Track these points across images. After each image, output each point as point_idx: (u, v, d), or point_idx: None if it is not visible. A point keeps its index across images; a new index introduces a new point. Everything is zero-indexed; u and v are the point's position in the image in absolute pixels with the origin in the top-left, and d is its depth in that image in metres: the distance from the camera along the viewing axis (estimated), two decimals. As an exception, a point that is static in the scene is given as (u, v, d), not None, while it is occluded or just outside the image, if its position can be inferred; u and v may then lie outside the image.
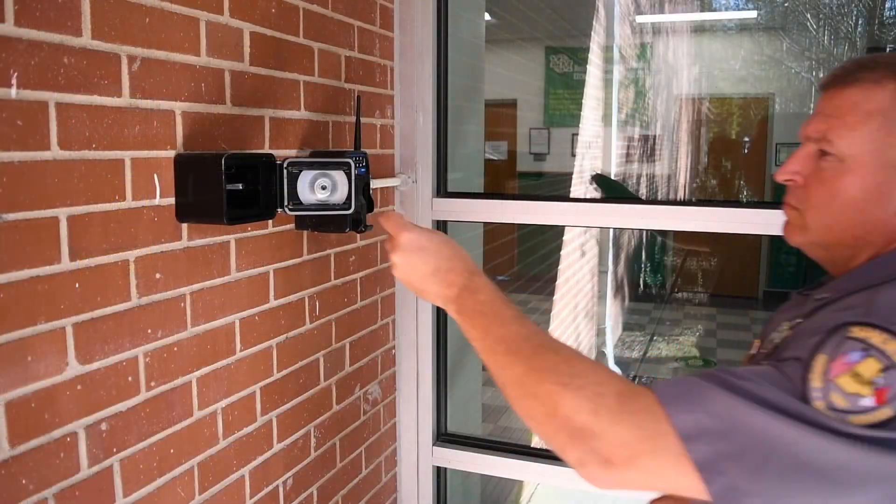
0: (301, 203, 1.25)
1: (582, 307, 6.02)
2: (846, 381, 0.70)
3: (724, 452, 0.71)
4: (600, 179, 6.21)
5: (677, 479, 0.74)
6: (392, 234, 0.98)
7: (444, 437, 2.08)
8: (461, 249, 0.98)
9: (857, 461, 0.68)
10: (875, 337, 0.71)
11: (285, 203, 1.25)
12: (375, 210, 1.79)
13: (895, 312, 0.73)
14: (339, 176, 1.27)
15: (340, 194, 1.27)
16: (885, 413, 0.68)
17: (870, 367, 0.70)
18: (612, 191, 6.03)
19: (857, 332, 0.72)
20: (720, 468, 0.71)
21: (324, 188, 1.26)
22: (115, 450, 1.07)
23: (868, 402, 0.69)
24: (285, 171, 1.22)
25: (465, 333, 0.91)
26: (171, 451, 1.18)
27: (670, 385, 0.77)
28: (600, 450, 0.75)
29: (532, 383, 0.81)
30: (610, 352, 6.37)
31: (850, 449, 0.68)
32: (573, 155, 6.47)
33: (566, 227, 5.29)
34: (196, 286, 1.22)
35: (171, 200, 1.15)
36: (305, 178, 1.24)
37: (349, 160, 1.26)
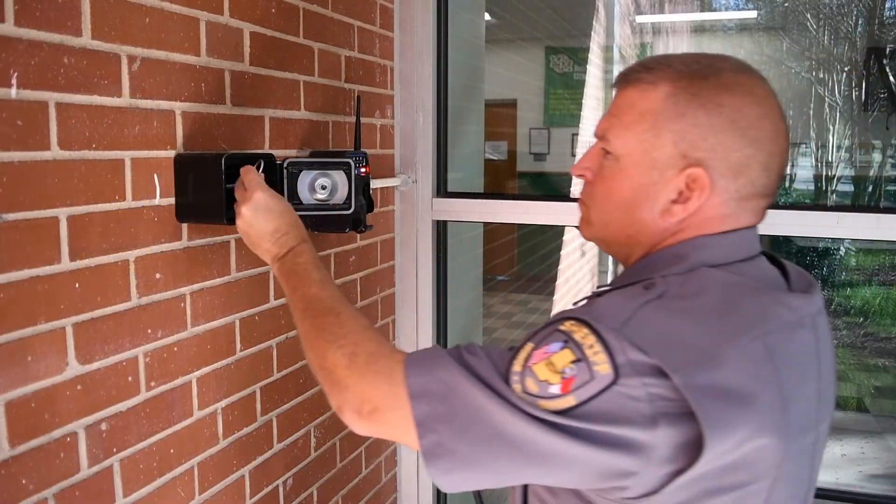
0: (301, 203, 1.25)
1: (582, 307, 6.00)
2: (540, 369, 0.75)
3: (439, 413, 0.79)
4: None
5: (404, 433, 0.81)
6: (248, 188, 1.09)
7: (444, 437, 2.08)
8: (299, 221, 1.10)
9: (542, 442, 0.74)
10: (578, 332, 0.75)
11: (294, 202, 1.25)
12: (376, 210, 1.79)
13: (609, 313, 0.76)
14: (339, 176, 1.27)
15: (340, 194, 1.27)
16: (568, 401, 0.73)
17: (563, 358, 0.75)
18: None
19: (568, 325, 0.77)
20: (433, 427, 0.79)
21: (324, 188, 1.26)
22: (115, 450, 1.07)
23: (555, 389, 0.74)
24: (285, 171, 1.22)
25: (281, 284, 1.04)
26: (171, 451, 1.18)
27: (421, 352, 0.86)
28: (350, 401, 0.86)
29: (312, 338, 0.94)
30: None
31: (536, 430, 0.74)
32: (573, 155, 6.47)
33: (566, 227, 5.29)
34: (196, 286, 1.22)
35: (171, 200, 1.15)
36: (305, 178, 1.24)
37: (349, 160, 1.26)
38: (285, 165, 1.23)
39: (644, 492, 0.74)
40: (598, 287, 0.92)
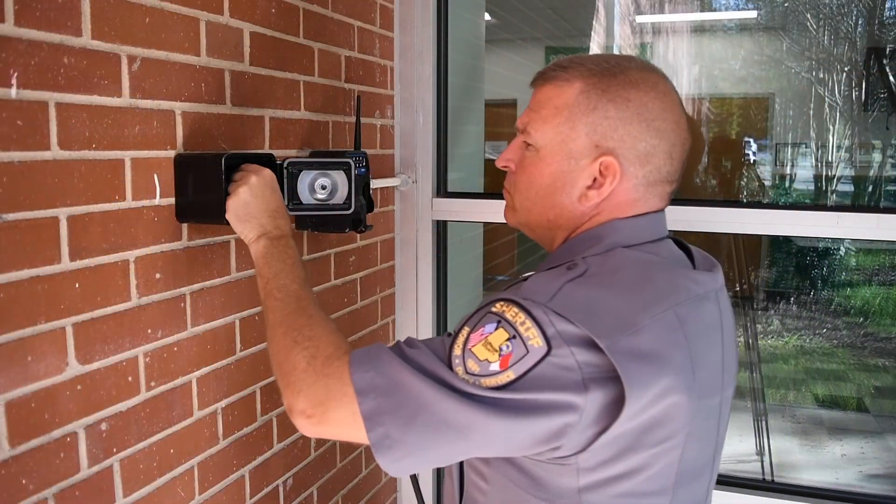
0: (301, 203, 1.25)
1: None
2: (479, 350, 0.82)
3: (384, 407, 0.83)
4: None
5: (352, 429, 0.85)
6: (255, 169, 1.11)
7: (444, 437, 2.08)
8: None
9: (486, 420, 0.80)
10: (509, 311, 0.82)
11: (286, 203, 1.25)
12: (376, 210, 1.79)
13: (536, 291, 0.84)
14: (339, 176, 1.27)
15: (340, 195, 1.27)
16: (508, 375, 0.80)
17: (499, 337, 0.81)
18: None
19: (499, 307, 0.84)
20: (380, 420, 0.83)
21: (324, 188, 1.26)
22: (115, 450, 1.07)
23: (495, 366, 0.80)
24: (285, 172, 1.22)
25: (258, 272, 1.05)
26: (171, 451, 1.18)
27: (363, 351, 0.89)
28: (300, 404, 0.88)
29: (280, 332, 0.96)
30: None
31: (479, 409, 0.80)
32: (573, 155, 6.44)
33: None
34: (196, 286, 1.22)
35: (171, 200, 1.15)
36: (305, 178, 1.24)
37: (349, 160, 1.26)
38: (285, 165, 1.23)
39: (574, 451, 0.82)
40: (525, 274, 0.98)
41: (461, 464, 0.98)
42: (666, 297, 0.86)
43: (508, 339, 0.81)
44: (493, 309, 0.84)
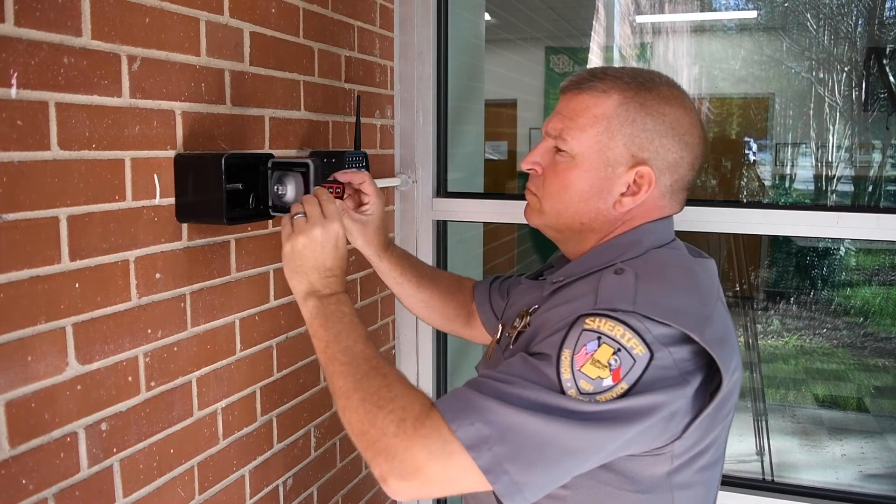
0: (268, 204, 1.22)
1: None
2: (589, 369, 0.84)
3: (503, 454, 0.81)
4: None
5: (469, 483, 0.83)
6: (328, 214, 1.03)
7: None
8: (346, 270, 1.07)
9: (608, 434, 0.83)
10: (605, 325, 0.85)
11: (269, 203, 1.23)
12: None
13: (616, 297, 0.88)
14: (295, 178, 1.19)
15: (290, 196, 1.20)
16: (622, 388, 0.84)
17: (605, 353, 0.84)
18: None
19: (590, 323, 0.86)
20: (503, 468, 0.81)
21: (278, 190, 1.21)
22: (115, 450, 1.07)
23: (608, 382, 0.84)
24: (268, 172, 1.21)
25: (313, 333, 0.99)
26: (171, 451, 1.18)
27: (451, 400, 0.86)
28: (397, 469, 0.84)
29: (357, 399, 0.90)
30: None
31: (600, 427, 0.82)
32: (573, 155, 6.43)
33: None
34: (196, 286, 1.22)
35: (171, 200, 1.15)
36: (272, 179, 1.22)
37: (308, 162, 1.19)
38: (269, 165, 1.20)
39: (670, 440, 0.89)
40: (555, 279, 1.03)
41: None
42: (712, 290, 0.97)
43: (615, 354, 0.84)
44: (586, 326, 0.86)
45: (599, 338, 0.85)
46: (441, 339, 2.04)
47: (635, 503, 0.92)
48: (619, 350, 0.84)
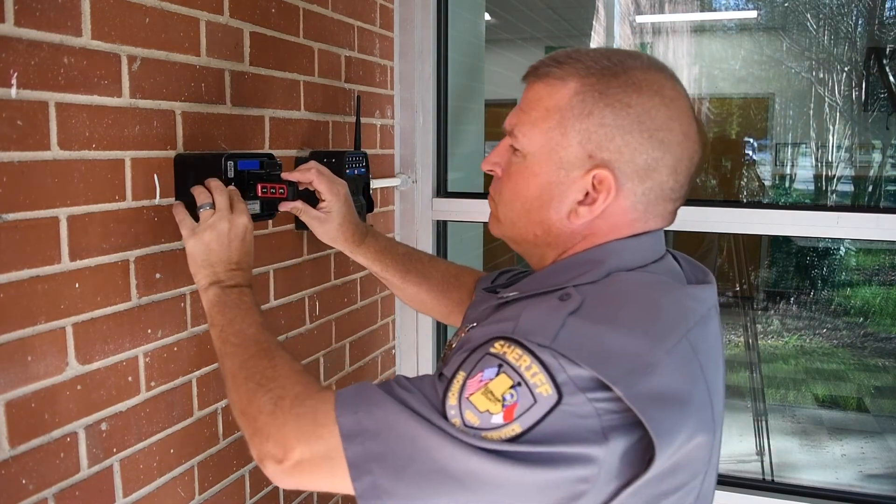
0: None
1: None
2: (478, 399, 0.71)
3: (373, 453, 0.73)
4: None
5: (334, 477, 0.76)
6: (235, 209, 1.03)
7: (444, 437, 2.08)
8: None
9: (489, 473, 0.69)
10: (511, 353, 0.71)
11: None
12: (376, 210, 1.79)
13: (536, 328, 0.73)
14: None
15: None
16: (513, 429, 0.69)
17: (502, 384, 0.70)
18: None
19: (498, 347, 0.73)
20: (368, 468, 0.73)
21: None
22: (115, 450, 1.07)
23: (497, 419, 0.70)
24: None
25: (210, 321, 0.98)
26: (171, 451, 1.18)
27: (351, 389, 0.79)
28: (272, 450, 0.79)
29: (241, 378, 0.87)
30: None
31: (481, 461, 0.69)
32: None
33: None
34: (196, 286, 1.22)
35: (171, 200, 1.15)
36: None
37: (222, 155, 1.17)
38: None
39: None
40: (503, 295, 0.90)
41: None
42: (676, 325, 0.78)
43: (512, 387, 0.70)
44: (492, 350, 0.73)
45: (500, 365, 0.71)
46: (441, 339, 2.04)
47: None
48: (518, 384, 0.70)
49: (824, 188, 5.61)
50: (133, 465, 1.10)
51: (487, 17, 3.88)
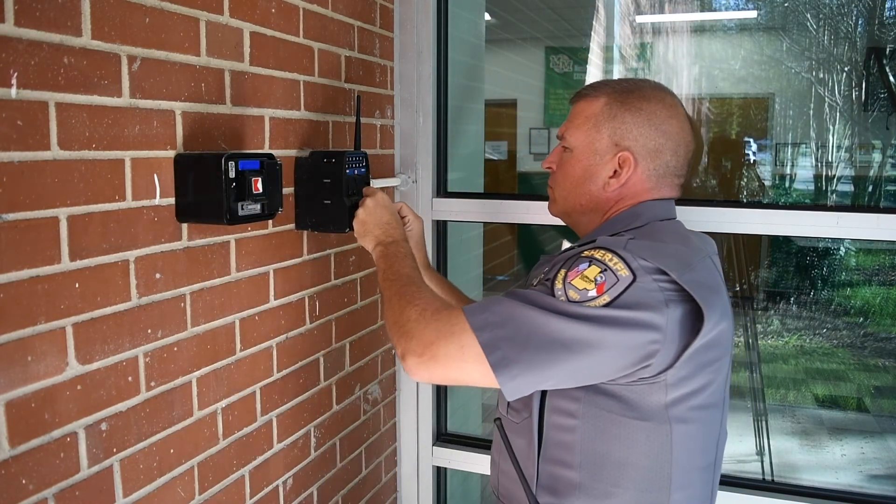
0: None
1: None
2: (577, 282, 1.01)
3: (501, 336, 1.00)
4: None
5: (463, 364, 1.00)
6: (367, 191, 1.41)
7: (444, 437, 2.08)
8: (402, 223, 1.40)
9: (590, 335, 0.97)
10: (597, 253, 1.03)
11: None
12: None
13: (608, 242, 1.05)
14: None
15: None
16: (604, 299, 0.99)
17: (593, 271, 1.01)
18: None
19: (588, 253, 1.04)
20: (497, 345, 0.99)
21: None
22: (115, 450, 1.07)
23: (593, 293, 1.00)
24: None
25: (378, 268, 1.27)
26: (171, 451, 1.18)
27: (477, 303, 1.06)
28: (414, 347, 1.03)
29: (395, 299, 1.14)
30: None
31: (583, 326, 0.98)
32: (573, 155, 6.41)
33: (566, 227, 5.27)
34: (196, 286, 1.22)
35: (171, 200, 1.15)
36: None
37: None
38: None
39: (661, 368, 1.01)
40: (576, 245, 1.17)
41: (541, 414, 1.10)
42: (701, 249, 1.12)
43: (601, 272, 1.00)
44: (583, 254, 1.04)
45: (590, 260, 1.02)
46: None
47: (636, 429, 1.04)
48: (605, 270, 1.00)
49: (824, 188, 5.61)
50: (133, 465, 1.10)
51: (487, 17, 3.88)
